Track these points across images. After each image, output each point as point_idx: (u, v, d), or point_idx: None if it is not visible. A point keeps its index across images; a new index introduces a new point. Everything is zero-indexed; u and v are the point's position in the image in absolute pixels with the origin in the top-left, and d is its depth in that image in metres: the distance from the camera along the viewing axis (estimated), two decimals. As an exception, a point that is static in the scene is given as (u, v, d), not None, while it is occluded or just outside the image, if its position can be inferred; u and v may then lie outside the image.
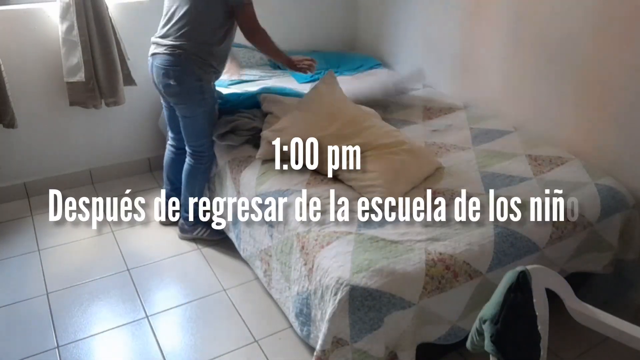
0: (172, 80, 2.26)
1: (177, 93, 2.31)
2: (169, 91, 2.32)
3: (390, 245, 1.73)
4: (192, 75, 2.26)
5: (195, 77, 2.27)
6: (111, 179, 3.19)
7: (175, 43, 2.23)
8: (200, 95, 2.31)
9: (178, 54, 2.22)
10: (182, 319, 2.19)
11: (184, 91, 2.30)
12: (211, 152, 2.48)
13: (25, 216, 2.84)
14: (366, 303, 1.59)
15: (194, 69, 2.25)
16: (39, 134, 2.92)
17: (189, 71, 2.25)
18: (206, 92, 2.33)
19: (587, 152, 2.29)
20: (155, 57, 2.29)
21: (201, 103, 2.33)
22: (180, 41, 2.22)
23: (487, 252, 1.76)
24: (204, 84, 2.30)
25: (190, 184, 2.52)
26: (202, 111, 2.36)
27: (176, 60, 2.23)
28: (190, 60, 2.23)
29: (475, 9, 2.74)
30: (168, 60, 2.24)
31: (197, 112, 2.36)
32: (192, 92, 2.30)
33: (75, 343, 2.04)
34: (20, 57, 2.71)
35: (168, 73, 2.26)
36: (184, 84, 2.27)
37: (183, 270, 2.47)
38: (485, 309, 1.30)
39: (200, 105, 2.34)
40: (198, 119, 2.39)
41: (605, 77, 2.17)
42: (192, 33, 2.22)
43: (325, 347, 1.64)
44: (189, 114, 2.38)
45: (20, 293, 2.29)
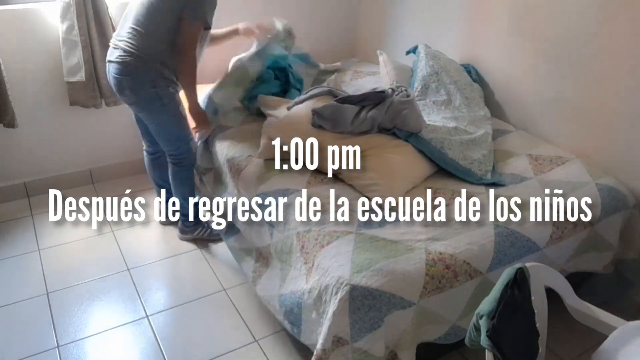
0: (127, 90, 2.20)
1: (134, 102, 2.26)
2: (126, 100, 2.27)
3: (391, 245, 1.73)
4: (147, 83, 2.17)
5: (150, 85, 2.18)
6: (111, 179, 3.19)
7: (127, 48, 2.14)
8: (158, 101, 2.22)
9: (128, 62, 2.13)
10: (182, 318, 2.19)
11: (141, 100, 2.23)
12: (190, 153, 2.43)
13: (25, 216, 2.84)
14: (366, 302, 1.59)
15: (147, 76, 2.16)
16: (39, 134, 2.92)
17: (141, 79, 2.17)
18: (165, 98, 2.22)
19: (588, 151, 2.29)
20: (110, 65, 2.21)
21: (162, 109, 2.25)
22: (131, 46, 2.13)
23: (487, 251, 1.76)
24: (160, 90, 2.20)
25: (178, 188, 2.49)
26: (166, 117, 2.29)
27: (126, 69, 2.14)
28: (141, 66, 2.15)
29: (475, 9, 2.74)
30: (119, 69, 2.16)
31: (162, 119, 2.30)
32: (149, 100, 2.22)
33: (75, 343, 2.04)
34: (20, 57, 2.71)
35: (121, 83, 2.19)
36: (138, 93, 2.20)
37: (183, 270, 2.47)
38: (482, 304, 1.31)
39: (162, 112, 2.26)
40: (165, 125, 2.33)
41: (607, 76, 2.17)
42: (144, 38, 2.13)
43: (325, 346, 1.64)
44: (154, 121, 2.33)
45: (20, 293, 2.29)
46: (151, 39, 2.14)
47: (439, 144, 2.19)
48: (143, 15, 2.13)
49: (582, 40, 2.22)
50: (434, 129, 2.27)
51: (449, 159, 2.16)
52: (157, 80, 2.18)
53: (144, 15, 2.13)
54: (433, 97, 2.60)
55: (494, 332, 1.24)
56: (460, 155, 2.19)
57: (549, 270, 1.50)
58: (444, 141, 2.21)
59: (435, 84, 2.63)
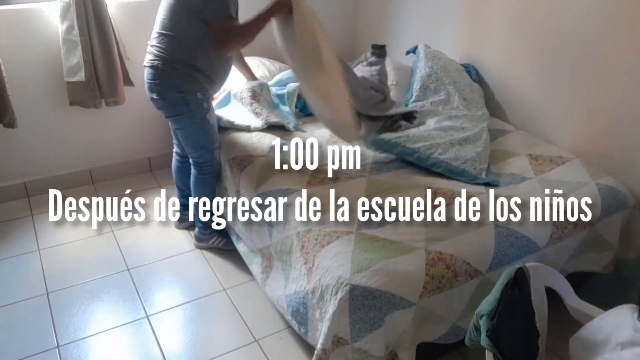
0: (155, 94, 2.21)
1: (162, 106, 2.26)
2: (156, 105, 2.28)
3: (391, 245, 1.73)
4: (173, 88, 2.18)
5: (177, 89, 2.18)
6: (111, 179, 3.19)
7: (156, 52, 2.15)
8: (185, 107, 2.22)
9: (156, 66, 2.15)
10: (182, 318, 2.19)
11: (168, 104, 2.24)
12: (214, 162, 2.41)
13: (25, 216, 2.84)
14: (366, 302, 1.59)
15: (174, 80, 2.16)
16: (39, 134, 2.92)
17: (169, 83, 2.17)
18: (192, 104, 2.21)
19: (588, 151, 2.29)
20: (144, 69, 2.23)
21: (189, 115, 2.24)
22: (160, 50, 2.15)
23: (487, 251, 1.76)
24: (187, 95, 2.19)
25: (198, 195, 2.46)
26: (190, 123, 2.28)
27: (155, 73, 2.16)
28: (170, 71, 2.15)
29: (475, 9, 2.74)
30: (150, 73, 2.19)
31: (186, 124, 2.30)
32: (175, 104, 2.22)
33: (75, 343, 2.04)
34: (20, 57, 2.71)
35: (151, 87, 2.21)
36: (165, 97, 2.21)
37: (183, 270, 2.47)
38: (482, 304, 1.31)
39: (188, 117, 2.25)
40: (189, 131, 2.33)
41: (607, 76, 2.17)
42: (172, 42, 2.13)
43: (325, 346, 1.64)
44: (179, 126, 2.33)
45: (20, 293, 2.29)
46: (179, 42, 2.12)
47: (427, 151, 2.20)
48: (168, 18, 2.12)
49: (582, 41, 2.22)
50: (419, 138, 2.27)
51: (440, 162, 2.16)
52: (184, 85, 2.16)
53: (169, 18, 2.12)
54: (432, 97, 2.61)
55: (494, 332, 1.24)
56: (453, 156, 2.19)
57: (549, 270, 1.50)
58: (432, 146, 2.22)
59: (434, 84, 2.63)
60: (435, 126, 2.39)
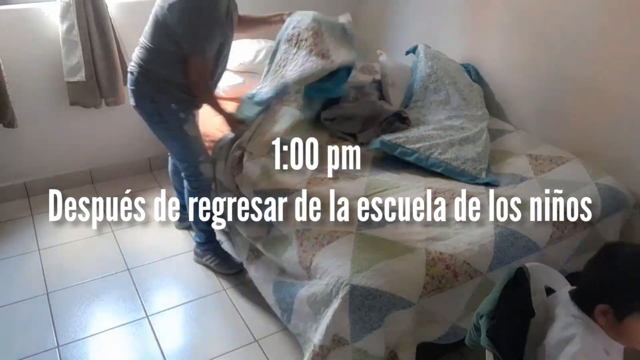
0: (132, 100, 2.18)
1: (140, 114, 2.21)
2: (137, 112, 2.22)
3: (391, 245, 1.73)
4: (147, 96, 2.14)
5: (149, 99, 2.14)
6: (111, 179, 3.19)
7: (135, 60, 2.13)
8: (157, 117, 2.16)
9: (132, 72, 2.13)
10: (182, 318, 2.19)
11: (143, 112, 2.19)
12: (201, 177, 2.28)
13: (25, 216, 2.84)
14: (366, 302, 1.59)
15: (146, 89, 2.13)
16: (39, 134, 2.92)
17: (143, 92, 2.14)
18: (165, 114, 2.14)
19: (588, 151, 2.29)
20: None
21: (163, 126, 2.19)
22: (139, 59, 2.12)
23: (488, 251, 1.76)
24: (158, 106, 2.13)
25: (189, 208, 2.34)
26: (166, 134, 2.22)
27: (132, 79, 2.14)
28: (143, 80, 2.12)
29: (475, 9, 2.74)
30: (129, 80, 2.16)
31: (163, 135, 2.24)
32: (149, 113, 2.18)
33: (75, 343, 2.04)
34: (20, 57, 2.71)
35: (130, 94, 2.18)
36: (140, 105, 2.17)
37: (183, 270, 2.46)
38: (482, 304, 1.31)
39: (163, 128, 2.20)
40: (169, 143, 2.27)
41: (607, 76, 2.17)
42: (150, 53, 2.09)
43: (324, 343, 1.65)
44: (156, 135, 2.27)
45: (20, 293, 2.29)
46: (154, 54, 2.09)
47: (427, 151, 2.19)
48: (150, 31, 2.09)
49: (583, 40, 2.22)
50: (419, 138, 2.26)
51: (440, 162, 2.16)
52: (156, 96, 2.12)
53: (150, 32, 2.09)
54: (432, 97, 2.60)
55: (494, 332, 1.24)
56: (452, 156, 2.18)
57: (549, 270, 1.50)
58: (432, 147, 2.21)
59: (434, 84, 2.63)
60: (435, 126, 2.39)
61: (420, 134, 2.31)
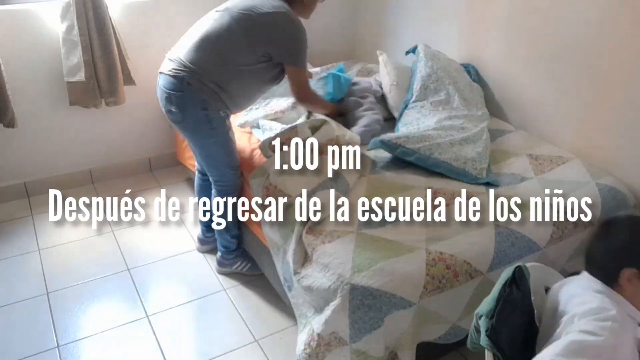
0: (174, 107, 2.03)
1: (180, 121, 2.08)
2: (172, 118, 2.09)
3: (391, 245, 1.73)
4: (197, 104, 2.01)
5: (201, 106, 2.01)
6: (111, 179, 3.19)
7: (185, 63, 1.99)
8: (207, 125, 2.05)
9: (182, 77, 1.97)
10: (182, 318, 2.19)
11: (188, 120, 2.06)
12: (236, 182, 2.22)
13: (25, 216, 2.84)
14: (366, 302, 1.59)
15: (200, 96, 2.00)
16: (39, 134, 2.92)
17: (194, 98, 2.00)
18: (214, 122, 2.06)
19: (588, 151, 2.29)
20: (160, 77, 2.07)
21: (210, 134, 2.08)
22: (192, 62, 1.99)
23: (488, 251, 1.76)
24: (210, 113, 2.03)
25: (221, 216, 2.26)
26: (212, 142, 2.12)
27: (178, 84, 1.98)
28: (198, 86, 1.98)
29: (475, 9, 2.74)
30: (171, 83, 2.00)
31: (207, 143, 2.13)
32: (197, 121, 2.05)
33: (75, 343, 2.04)
34: (20, 57, 2.71)
35: (170, 98, 2.02)
36: (186, 112, 2.03)
37: (183, 270, 2.47)
38: (481, 304, 1.31)
39: (210, 136, 2.09)
40: (210, 151, 2.16)
41: (607, 75, 2.17)
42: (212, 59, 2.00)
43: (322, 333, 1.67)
44: (199, 144, 2.17)
45: (20, 293, 2.29)
46: (220, 61, 2.01)
47: (427, 151, 2.19)
48: (219, 36, 2.01)
49: (582, 41, 2.22)
50: (420, 138, 2.25)
51: (441, 162, 2.15)
52: (209, 102, 2.02)
53: (220, 37, 2.01)
54: (432, 97, 2.60)
55: (493, 332, 1.24)
56: (453, 156, 2.18)
57: (549, 270, 1.50)
58: (432, 147, 2.20)
59: (434, 84, 2.63)
60: (435, 126, 2.39)
61: (420, 134, 2.31)
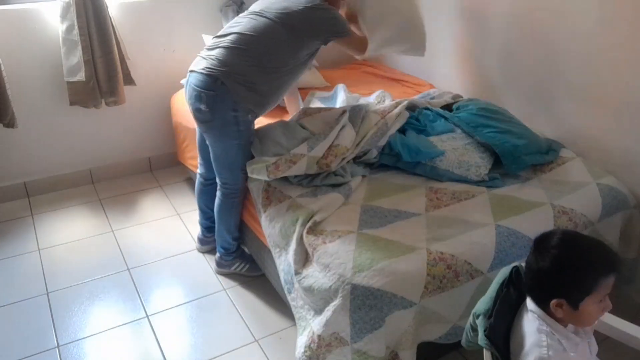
0: (204, 105, 1.99)
1: (208, 121, 2.05)
2: (199, 117, 2.06)
3: (392, 245, 1.73)
4: (229, 104, 1.98)
5: (232, 107, 1.99)
6: (111, 178, 3.19)
7: (217, 62, 1.97)
8: (235, 127, 2.03)
9: (215, 76, 1.95)
10: (182, 318, 2.19)
11: (216, 120, 2.03)
12: (243, 185, 2.18)
13: (25, 216, 2.84)
14: (367, 302, 1.59)
15: (231, 96, 1.98)
16: (39, 134, 2.92)
17: (225, 99, 1.97)
18: (242, 124, 2.03)
19: (589, 151, 2.29)
20: (191, 75, 2.04)
21: (235, 135, 2.05)
22: (224, 61, 1.97)
23: (489, 251, 1.76)
24: (239, 115, 2.01)
25: (224, 219, 2.27)
26: (235, 144, 2.08)
27: (210, 83, 1.96)
28: (230, 85, 1.96)
29: (475, 8, 2.74)
30: (202, 81, 1.98)
31: (230, 145, 2.09)
32: (225, 122, 2.02)
33: (75, 342, 2.04)
34: (20, 57, 2.71)
35: (200, 96, 1.99)
36: (216, 112, 2.00)
37: (183, 270, 2.46)
38: (478, 304, 1.31)
39: (234, 137, 2.06)
40: (230, 152, 2.11)
41: (607, 75, 2.16)
42: (244, 57, 1.99)
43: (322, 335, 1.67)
44: (220, 145, 2.12)
45: (20, 292, 2.29)
46: (254, 60, 2.00)
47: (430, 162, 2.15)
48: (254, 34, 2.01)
49: (582, 41, 2.22)
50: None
51: (442, 171, 2.13)
52: (240, 103, 2.00)
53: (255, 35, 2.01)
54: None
55: (491, 331, 1.24)
56: (455, 164, 2.14)
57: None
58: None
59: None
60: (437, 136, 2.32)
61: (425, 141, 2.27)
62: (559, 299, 1.18)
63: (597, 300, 1.19)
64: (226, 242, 2.34)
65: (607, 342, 1.46)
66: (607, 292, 1.20)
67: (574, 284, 1.18)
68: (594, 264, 1.19)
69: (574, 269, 1.18)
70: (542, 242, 1.26)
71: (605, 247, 1.24)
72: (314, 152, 2.03)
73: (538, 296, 1.24)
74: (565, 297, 1.18)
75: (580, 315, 1.19)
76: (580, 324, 1.23)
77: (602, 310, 1.22)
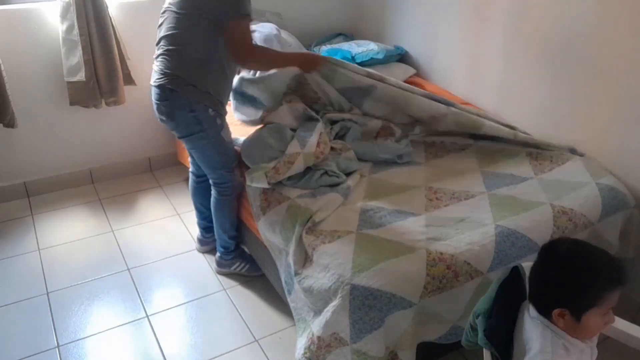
0: (164, 115, 2.08)
1: (174, 128, 2.12)
2: (167, 127, 2.15)
3: (391, 245, 1.73)
4: (184, 107, 2.03)
5: (188, 109, 2.03)
6: (111, 178, 3.19)
7: (162, 70, 2.01)
8: (198, 126, 2.06)
9: (163, 85, 1.99)
10: (182, 318, 2.19)
11: (179, 125, 2.09)
12: (234, 182, 2.21)
13: (25, 216, 2.84)
14: (367, 302, 1.59)
15: (183, 100, 2.01)
16: (39, 134, 2.92)
17: (179, 104, 2.02)
18: (204, 122, 2.06)
19: (588, 151, 2.29)
20: (151, 89, 2.08)
21: (202, 135, 2.09)
22: (165, 67, 2.00)
23: (488, 251, 1.76)
24: (198, 114, 2.04)
25: (219, 218, 2.30)
26: (205, 143, 2.12)
27: (162, 93, 2.01)
28: (178, 89, 1.99)
29: (476, 7, 2.74)
30: (157, 93, 2.04)
31: (202, 145, 2.14)
32: (187, 125, 2.07)
33: (75, 342, 2.04)
34: (20, 57, 2.71)
35: (159, 108, 2.07)
36: (175, 118, 2.06)
37: (183, 270, 2.46)
38: (478, 304, 1.31)
39: (202, 137, 2.10)
40: (205, 152, 2.17)
41: (607, 75, 2.16)
42: (176, 57, 2.00)
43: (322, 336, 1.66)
44: (193, 146, 2.19)
45: (20, 292, 2.29)
46: (186, 55, 2.00)
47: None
48: (172, 31, 1.99)
49: (582, 41, 2.22)
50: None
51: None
52: (194, 103, 2.02)
53: (172, 32, 1.99)
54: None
55: (491, 331, 1.24)
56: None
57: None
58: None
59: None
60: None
61: None
62: (562, 309, 1.17)
63: (600, 313, 1.17)
64: (224, 241, 2.34)
65: (607, 342, 1.46)
66: (612, 306, 1.18)
67: (578, 295, 1.16)
68: (601, 277, 1.17)
69: (580, 280, 1.16)
70: (549, 250, 1.24)
71: (614, 260, 1.22)
72: (307, 148, 2.06)
73: (541, 304, 1.22)
74: (569, 307, 1.16)
75: (581, 327, 1.18)
76: (581, 336, 1.21)
77: (604, 324, 1.20)
